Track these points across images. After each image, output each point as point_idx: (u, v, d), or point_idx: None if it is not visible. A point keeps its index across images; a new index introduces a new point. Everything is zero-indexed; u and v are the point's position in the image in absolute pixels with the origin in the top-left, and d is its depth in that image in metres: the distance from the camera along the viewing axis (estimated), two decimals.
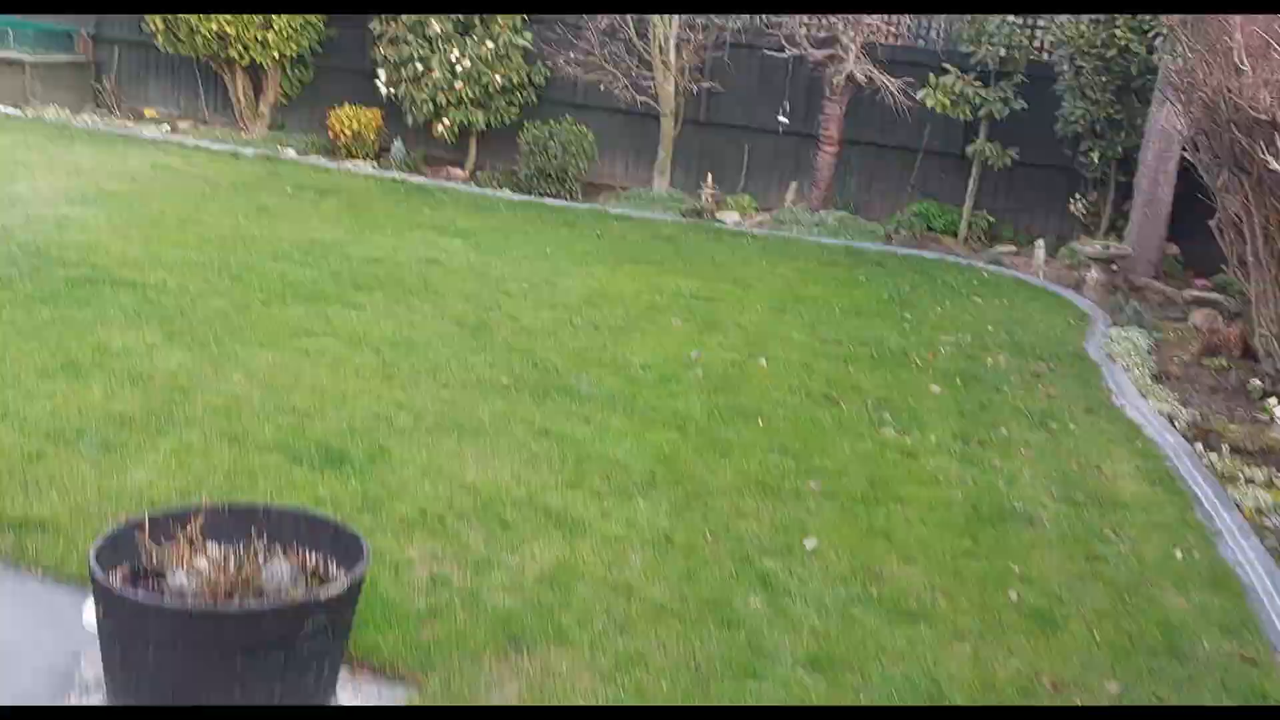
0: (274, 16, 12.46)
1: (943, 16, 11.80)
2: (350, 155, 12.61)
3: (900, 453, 5.40)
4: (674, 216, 11.40)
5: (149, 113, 13.87)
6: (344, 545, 3.17)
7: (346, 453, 4.53)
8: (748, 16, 11.60)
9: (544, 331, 6.68)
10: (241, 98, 13.41)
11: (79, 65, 14.07)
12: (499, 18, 11.98)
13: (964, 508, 4.84)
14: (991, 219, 11.64)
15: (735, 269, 9.17)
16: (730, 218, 11.65)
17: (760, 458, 5.09)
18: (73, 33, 14.07)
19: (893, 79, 11.14)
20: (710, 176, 12.12)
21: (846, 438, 5.50)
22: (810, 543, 4.31)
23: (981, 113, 11.15)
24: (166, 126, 13.36)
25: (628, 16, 12.01)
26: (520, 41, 12.09)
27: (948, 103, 11.06)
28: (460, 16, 11.93)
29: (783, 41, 11.49)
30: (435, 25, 11.94)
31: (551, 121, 12.08)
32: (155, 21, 12.70)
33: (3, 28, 13.67)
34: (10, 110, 13.08)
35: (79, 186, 9.26)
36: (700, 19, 11.83)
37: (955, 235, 11.57)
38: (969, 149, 11.43)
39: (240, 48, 12.66)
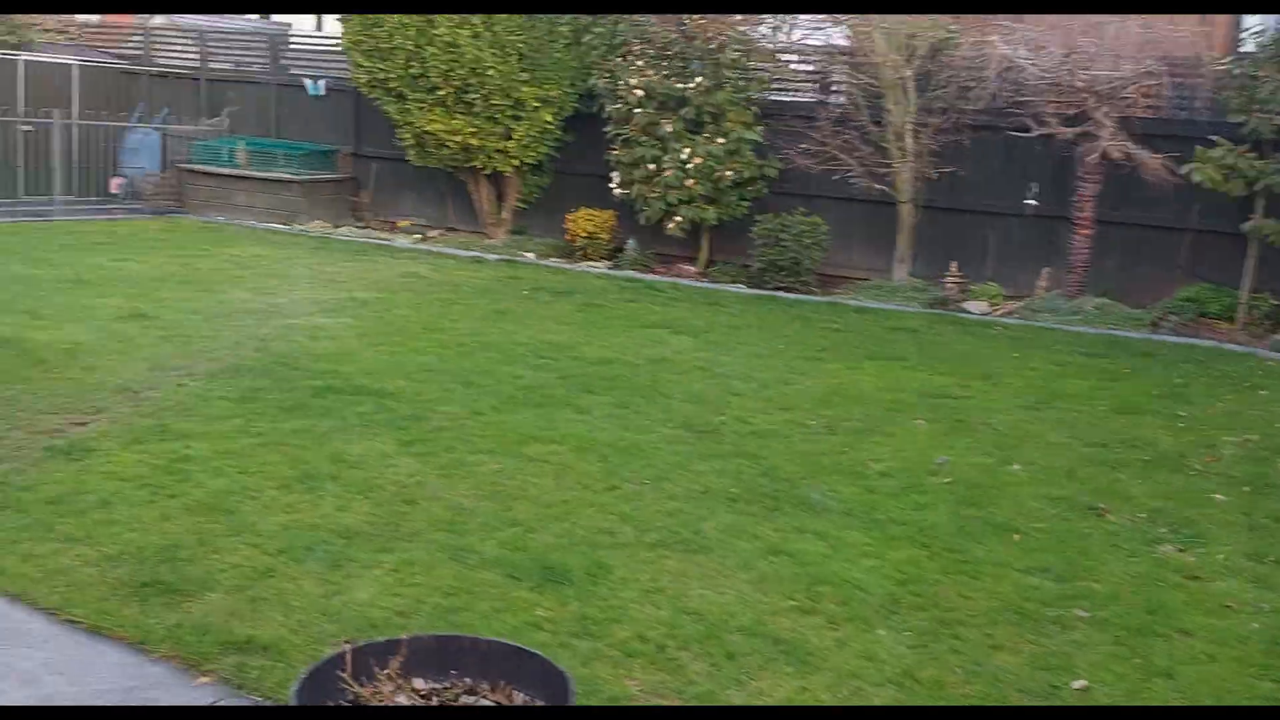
0: (514, 127, 12.91)
1: (1208, 85, 10.91)
2: (586, 256, 12.83)
3: (1181, 574, 4.74)
4: (915, 307, 10.92)
5: (401, 223, 14.62)
6: (552, 684, 2.95)
7: (567, 570, 4.35)
8: (989, 97, 11.09)
9: (775, 435, 6.37)
10: (485, 205, 13.94)
11: (339, 181, 15.07)
12: (729, 116, 11.96)
13: (1262, 641, 4.17)
14: (1276, 302, 10.54)
15: (984, 363, 8.60)
16: (976, 307, 11.06)
17: (1016, 579, 4.57)
18: (334, 152, 15.09)
19: (1153, 154, 10.37)
20: (954, 264, 11.61)
21: (1117, 556, 4.89)
22: (1079, 684, 3.77)
23: (1258, 186, 10.17)
24: (417, 235, 14.05)
25: (862, 104, 11.75)
26: (750, 136, 12.02)
27: (1218, 177, 10.16)
28: (691, 116, 11.98)
29: (1028, 121, 10.94)
30: (667, 126, 12.04)
31: (783, 214, 11.90)
32: (407, 138, 13.41)
33: (274, 150, 14.83)
34: (279, 226, 14.09)
35: (333, 297, 9.73)
36: (938, 103, 11.43)
37: (1232, 320, 10.53)
38: (1245, 226, 10.43)
39: (484, 157, 13.18)
